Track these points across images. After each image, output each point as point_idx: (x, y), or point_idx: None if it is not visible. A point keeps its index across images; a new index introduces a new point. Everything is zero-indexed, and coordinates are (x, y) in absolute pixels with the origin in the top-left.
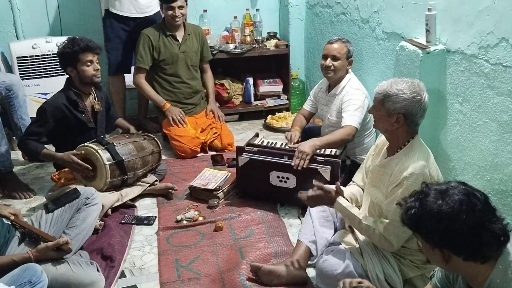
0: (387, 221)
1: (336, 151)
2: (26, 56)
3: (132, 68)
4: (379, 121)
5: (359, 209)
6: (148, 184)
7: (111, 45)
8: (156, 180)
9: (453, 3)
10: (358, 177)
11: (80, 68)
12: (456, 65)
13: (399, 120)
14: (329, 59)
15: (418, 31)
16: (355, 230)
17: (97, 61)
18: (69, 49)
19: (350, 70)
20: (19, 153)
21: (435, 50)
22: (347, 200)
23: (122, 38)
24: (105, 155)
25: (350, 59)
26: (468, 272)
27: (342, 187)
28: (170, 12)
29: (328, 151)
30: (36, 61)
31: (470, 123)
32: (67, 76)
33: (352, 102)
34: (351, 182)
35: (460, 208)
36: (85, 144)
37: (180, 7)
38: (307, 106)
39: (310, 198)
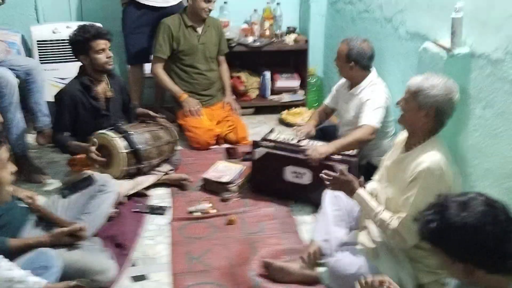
0: (403, 216)
1: (353, 151)
2: (46, 40)
3: (151, 57)
4: (407, 114)
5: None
6: (163, 173)
7: (131, 34)
8: (171, 169)
9: (481, 6)
10: (378, 175)
11: (93, 55)
12: (481, 70)
13: (429, 115)
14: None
15: (442, 33)
16: (370, 231)
17: (109, 48)
18: (80, 37)
19: (373, 72)
20: (34, 136)
21: (459, 53)
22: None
23: (142, 28)
24: (122, 143)
25: (351, 63)
26: (488, 284)
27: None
28: (205, 5)
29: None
30: (56, 46)
31: (491, 129)
32: (81, 63)
33: (372, 102)
34: (372, 180)
35: (485, 219)
36: (103, 131)
37: (214, 0)
38: (328, 101)
39: (333, 180)
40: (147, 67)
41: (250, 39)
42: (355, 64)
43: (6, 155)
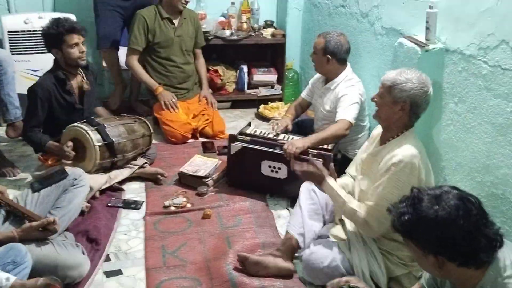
0: (370, 204)
1: (329, 145)
2: (18, 31)
3: (121, 48)
4: (382, 109)
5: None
6: (138, 167)
7: (100, 18)
8: (146, 163)
9: (455, 2)
10: (351, 168)
11: (66, 50)
12: (454, 65)
13: (404, 108)
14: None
15: (417, 28)
16: (345, 223)
17: (83, 43)
18: (53, 30)
19: (348, 67)
20: (4, 129)
21: (434, 48)
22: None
23: (112, 13)
24: (95, 136)
25: (328, 56)
26: (459, 277)
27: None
28: None
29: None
30: (27, 37)
31: (464, 124)
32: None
33: (347, 97)
34: (345, 174)
35: (457, 213)
36: (75, 124)
37: None
38: (304, 95)
39: (303, 171)
40: (121, 58)
41: (227, 32)
42: (331, 57)
43: None
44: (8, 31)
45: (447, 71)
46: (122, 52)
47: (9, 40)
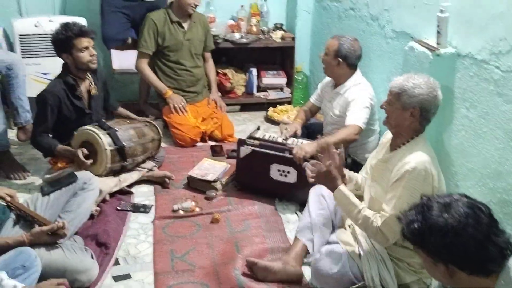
0: (387, 215)
1: (338, 149)
2: (29, 34)
3: (131, 51)
4: (391, 116)
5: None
6: (147, 170)
7: (105, 19)
8: (155, 166)
9: (466, 6)
10: (363, 172)
11: (76, 54)
12: (466, 70)
13: (414, 114)
14: (323, 51)
15: (428, 32)
16: (355, 229)
17: (93, 47)
18: (62, 35)
19: (358, 72)
20: (16, 132)
21: (445, 53)
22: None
23: (117, 14)
24: (106, 140)
25: (339, 59)
26: (469, 286)
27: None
28: (191, 0)
29: None
30: (38, 40)
31: (475, 129)
32: (63, 61)
33: (358, 102)
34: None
35: (467, 221)
36: (87, 127)
37: None
38: (313, 99)
39: (317, 174)
40: (131, 62)
41: (236, 36)
42: (342, 60)
43: None
44: (19, 35)
45: (459, 76)
46: (132, 55)
47: (20, 44)
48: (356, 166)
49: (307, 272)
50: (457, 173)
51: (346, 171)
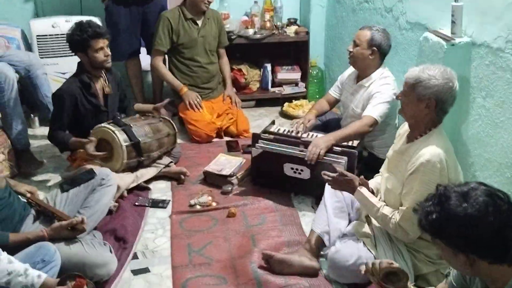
0: (404, 208)
1: (353, 142)
2: (46, 35)
3: (142, 50)
4: (407, 107)
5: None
6: (163, 166)
7: (118, 35)
8: (171, 162)
9: None
10: (383, 167)
11: (91, 54)
12: (481, 59)
13: (430, 105)
14: (351, 44)
15: (443, 22)
16: (371, 221)
17: (107, 47)
18: (77, 36)
19: (384, 65)
20: (36, 130)
21: (460, 42)
22: (372, 191)
23: (125, 23)
24: (122, 136)
25: (374, 48)
26: (491, 275)
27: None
28: None
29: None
30: (55, 40)
31: (492, 119)
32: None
33: (380, 95)
34: (378, 174)
35: (487, 210)
36: (102, 125)
37: None
38: (332, 91)
39: (334, 181)
40: (144, 61)
41: (250, 31)
42: (377, 49)
43: None
44: (37, 36)
45: (474, 65)
46: (143, 57)
47: (38, 44)
48: (374, 160)
49: (323, 264)
50: (475, 164)
51: (370, 183)
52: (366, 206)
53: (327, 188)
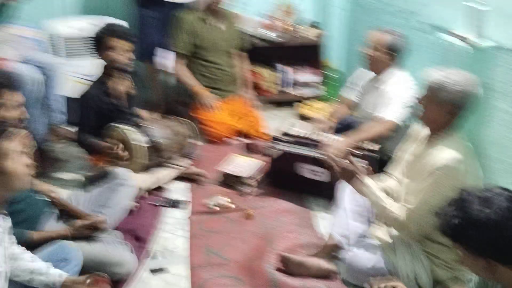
0: (410, 207)
1: (375, 145)
2: (72, 37)
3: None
4: (428, 111)
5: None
6: (183, 167)
7: (143, 32)
8: (190, 163)
9: None
10: (396, 171)
11: (115, 56)
12: (506, 64)
13: (452, 111)
14: (370, 47)
15: (468, 26)
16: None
17: (132, 50)
18: (104, 35)
19: (402, 68)
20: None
21: (485, 46)
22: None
23: (154, 25)
24: (142, 138)
25: (393, 53)
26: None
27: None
28: None
29: (366, 145)
30: (81, 42)
31: None
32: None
33: (400, 99)
34: (388, 174)
35: (509, 215)
36: (123, 126)
37: None
38: (350, 95)
39: (341, 169)
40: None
41: (269, 34)
42: (396, 54)
43: (20, 147)
44: (63, 38)
45: (499, 70)
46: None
47: (65, 46)
48: (382, 161)
49: (340, 268)
50: (496, 169)
51: (380, 185)
52: (372, 198)
53: (346, 191)
